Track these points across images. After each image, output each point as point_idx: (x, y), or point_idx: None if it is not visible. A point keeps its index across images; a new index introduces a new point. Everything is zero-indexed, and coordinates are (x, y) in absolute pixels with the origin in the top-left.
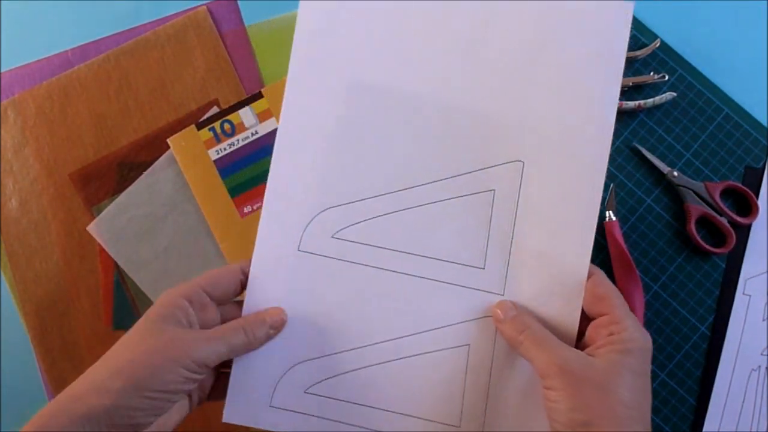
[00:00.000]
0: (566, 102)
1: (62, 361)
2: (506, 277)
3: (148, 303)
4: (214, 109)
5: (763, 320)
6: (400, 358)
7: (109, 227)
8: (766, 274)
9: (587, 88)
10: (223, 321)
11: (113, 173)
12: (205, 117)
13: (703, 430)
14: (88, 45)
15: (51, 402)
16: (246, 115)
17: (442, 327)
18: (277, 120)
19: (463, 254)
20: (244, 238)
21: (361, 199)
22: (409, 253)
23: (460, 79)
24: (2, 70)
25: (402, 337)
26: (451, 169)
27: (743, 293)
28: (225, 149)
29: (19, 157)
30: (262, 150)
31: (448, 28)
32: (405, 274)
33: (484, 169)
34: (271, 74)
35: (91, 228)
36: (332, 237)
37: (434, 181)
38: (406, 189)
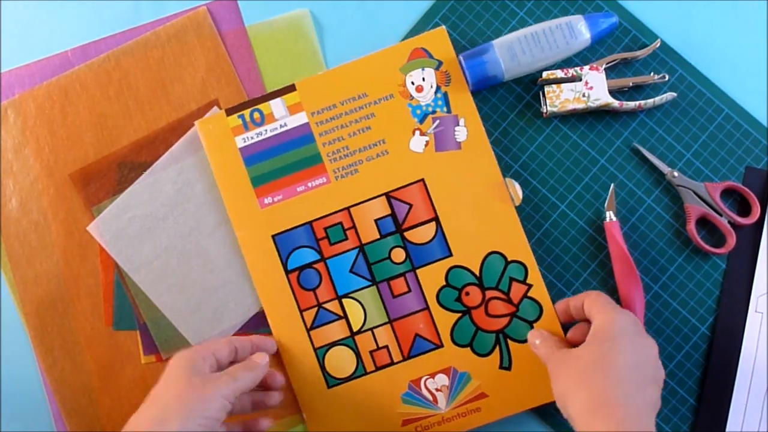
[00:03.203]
0: None
1: (62, 361)
2: None
3: (149, 303)
4: (215, 110)
5: None
6: None
7: (109, 227)
8: None
9: None
10: None
11: (113, 173)
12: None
13: None
14: (88, 45)
15: None
16: (276, 105)
17: None
18: (307, 114)
19: None
20: (260, 229)
21: None
22: None
23: None
24: (2, 70)
25: None
26: None
27: (755, 311)
28: (252, 138)
29: (19, 157)
30: (289, 143)
31: None
32: None
33: None
34: (270, 74)
35: (91, 228)
36: None
37: None
38: None
